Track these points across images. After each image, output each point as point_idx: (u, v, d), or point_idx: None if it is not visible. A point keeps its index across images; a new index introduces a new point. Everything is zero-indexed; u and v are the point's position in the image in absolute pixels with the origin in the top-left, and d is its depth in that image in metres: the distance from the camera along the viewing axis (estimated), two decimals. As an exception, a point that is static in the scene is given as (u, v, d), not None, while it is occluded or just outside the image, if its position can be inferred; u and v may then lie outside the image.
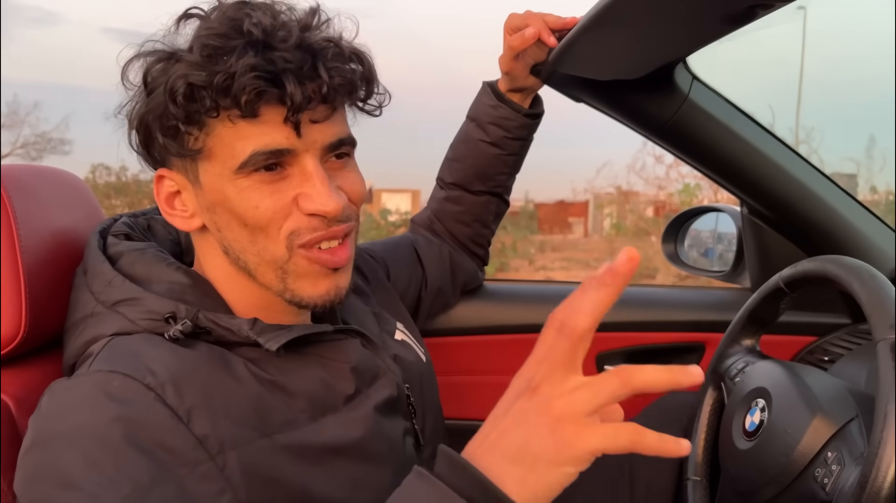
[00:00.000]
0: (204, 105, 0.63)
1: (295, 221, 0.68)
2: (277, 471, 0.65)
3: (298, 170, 0.68)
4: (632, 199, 9.94)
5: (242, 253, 0.70)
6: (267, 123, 0.65)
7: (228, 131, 0.65)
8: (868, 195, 8.08)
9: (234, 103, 0.63)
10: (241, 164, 0.66)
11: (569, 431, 0.47)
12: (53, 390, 0.64)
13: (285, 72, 0.63)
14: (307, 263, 0.70)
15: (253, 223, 0.67)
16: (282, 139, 0.66)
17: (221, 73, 0.62)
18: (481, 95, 1.12)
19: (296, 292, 0.71)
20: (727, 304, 1.37)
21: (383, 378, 0.79)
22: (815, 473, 0.75)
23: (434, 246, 1.16)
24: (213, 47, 0.63)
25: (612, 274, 0.47)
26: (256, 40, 0.64)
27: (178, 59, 0.65)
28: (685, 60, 1.04)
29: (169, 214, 0.73)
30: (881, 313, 0.72)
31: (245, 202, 0.67)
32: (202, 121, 0.65)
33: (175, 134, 0.66)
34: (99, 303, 0.70)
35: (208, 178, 0.68)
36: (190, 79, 0.63)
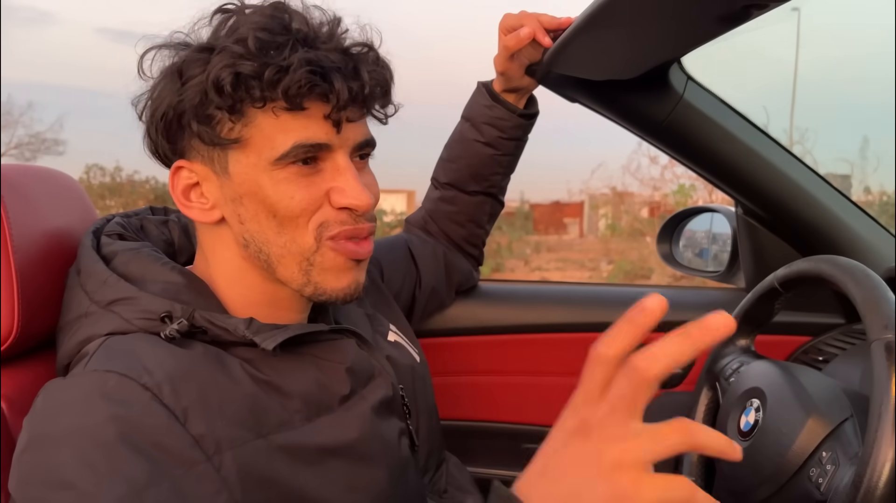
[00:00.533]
0: (252, 95, 0.65)
1: (324, 214, 0.70)
2: (273, 471, 0.65)
3: (331, 165, 0.70)
4: (627, 200, 9.95)
5: (266, 244, 0.71)
6: (310, 118, 0.67)
7: (270, 122, 0.67)
8: (862, 196, 8.11)
9: (284, 95, 0.65)
10: (282, 156, 0.67)
11: (625, 482, 0.44)
12: (48, 390, 0.64)
13: (333, 70, 0.65)
14: (333, 255, 0.71)
15: (284, 213, 0.69)
16: (321, 134, 0.68)
17: (273, 66, 0.64)
18: (476, 95, 1.12)
19: (319, 285, 0.72)
20: (722, 304, 1.36)
21: (378, 378, 0.79)
22: (810, 473, 0.75)
23: (428, 246, 1.16)
24: (262, 40, 0.65)
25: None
26: (304, 37, 0.66)
27: (220, 51, 0.65)
28: (680, 61, 1.04)
29: (186, 206, 0.73)
30: (876, 313, 0.72)
31: (280, 193, 0.68)
32: (244, 110, 0.66)
33: (212, 123, 0.67)
34: (93, 303, 0.70)
35: (240, 167, 0.69)
36: (238, 68, 0.64)
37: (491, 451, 1.37)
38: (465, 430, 1.36)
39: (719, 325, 0.45)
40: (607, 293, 1.47)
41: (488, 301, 1.35)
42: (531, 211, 11.87)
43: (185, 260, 0.84)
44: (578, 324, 1.35)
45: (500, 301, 1.36)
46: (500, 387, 1.37)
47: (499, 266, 8.32)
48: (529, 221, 11.43)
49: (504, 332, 1.35)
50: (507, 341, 1.35)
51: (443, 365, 1.32)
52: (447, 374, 1.34)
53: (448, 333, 1.33)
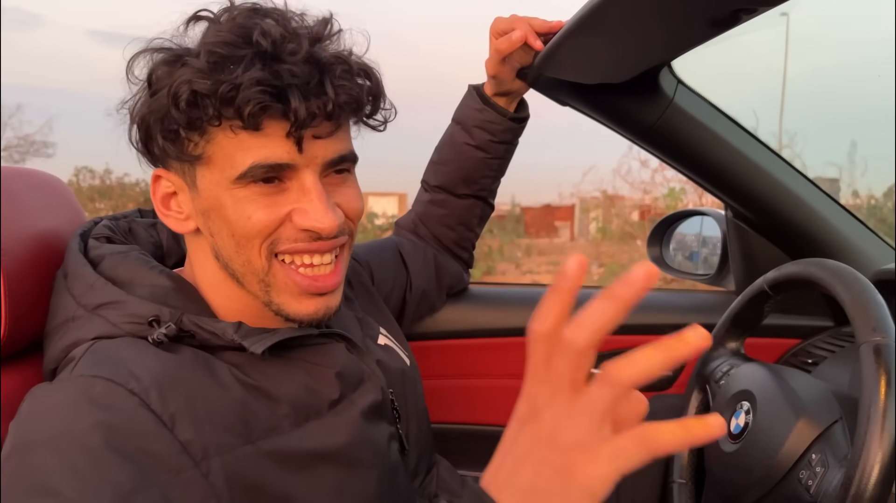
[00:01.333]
0: (206, 113, 0.63)
1: (279, 232, 0.68)
2: (261, 477, 0.65)
3: (297, 184, 0.68)
4: (617, 203, 9.97)
5: (230, 261, 0.70)
6: (269, 137, 0.65)
7: (229, 141, 0.65)
8: (850, 199, 8.16)
9: (237, 114, 0.63)
10: (240, 175, 0.65)
11: (577, 465, 0.43)
12: (34, 395, 0.63)
13: (291, 87, 0.63)
14: (284, 276, 0.70)
15: (240, 233, 0.67)
16: (282, 153, 0.65)
17: (227, 84, 0.62)
18: (467, 99, 1.12)
19: (280, 306, 0.71)
20: (712, 307, 1.38)
21: (368, 383, 0.79)
22: (800, 475, 0.75)
23: (419, 249, 1.16)
24: (219, 55, 0.63)
25: (627, 285, 0.43)
26: (264, 51, 0.63)
27: (183, 63, 0.64)
28: (670, 64, 1.04)
29: (164, 215, 0.72)
30: (864, 316, 0.72)
31: (238, 212, 0.67)
32: (203, 127, 0.65)
33: (175, 138, 0.66)
34: (80, 307, 0.69)
35: (205, 183, 0.68)
36: (194, 86, 0.62)
37: (482, 454, 1.36)
38: (455, 434, 1.35)
39: (694, 340, 0.43)
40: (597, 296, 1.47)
41: (479, 304, 1.35)
42: (522, 214, 11.88)
43: (174, 262, 0.83)
44: None
45: (491, 304, 1.36)
46: (490, 390, 1.37)
47: (490, 269, 8.32)
48: (520, 224, 11.44)
49: (495, 335, 1.35)
50: (498, 344, 1.35)
51: (433, 368, 1.32)
52: (438, 377, 1.34)
53: (439, 336, 1.32)
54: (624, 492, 1.06)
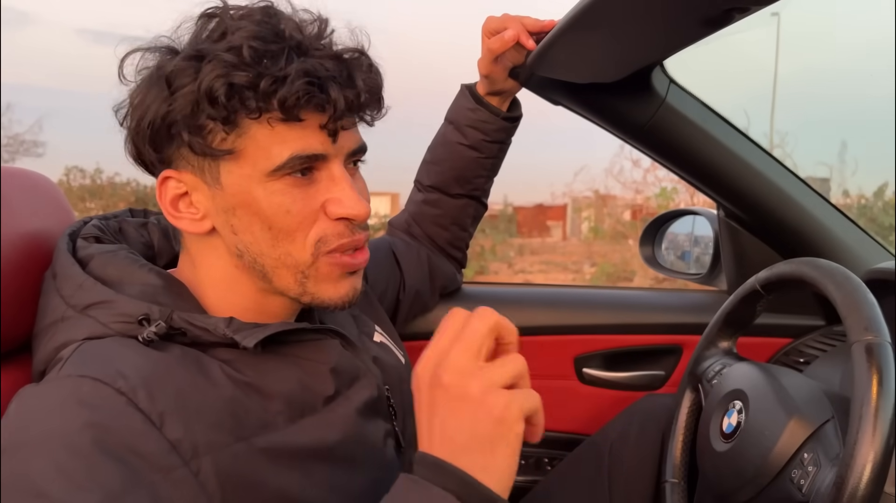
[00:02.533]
0: (247, 106, 0.63)
1: (321, 228, 0.69)
2: (254, 475, 0.64)
3: (327, 174, 0.69)
4: (609, 203, 10.00)
5: (261, 256, 0.69)
6: (306, 128, 0.66)
7: (265, 133, 0.65)
8: (840, 199, 8.21)
9: (280, 107, 0.63)
10: (278, 167, 0.66)
11: (497, 403, 0.53)
12: (22, 396, 0.62)
13: (328, 79, 0.64)
14: (329, 268, 0.71)
15: (280, 226, 0.68)
16: (318, 144, 0.67)
17: (269, 76, 0.62)
18: (459, 98, 1.11)
19: (316, 295, 0.72)
20: (704, 307, 1.38)
21: (363, 379, 0.78)
22: (792, 475, 0.75)
23: (412, 249, 1.15)
24: (256, 49, 0.63)
25: None
26: (298, 45, 0.65)
27: (211, 59, 0.63)
28: (662, 64, 1.05)
29: (174, 217, 0.71)
30: (856, 315, 0.72)
31: (275, 206, 0.67)
32: (238, 121, 0.65)
33: (203, 133, 0.65)
34: (69, 308, 0.68)
35: (233, 178, 0.67)
36: (232, 79, 0.62)
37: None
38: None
39: None
40: (590, 295, 1.47)
41: (472, 304, 1.34)
42: (515, 214, 11.90)
43: (165, 263, 0.82)
44: (562, 326, 1.35)
45: (484, 304, 1.35)
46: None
47: (482, 269, 8.33)
48: (513, 224, 11.47)
49: (488, 335, 1.34)
50: (491, 344, 1.35)
51: (426, 368, 1.31)
52: (431, 378, 1.33)
53: (432, 336, 1.32)
54: (617, 492, 1.06)
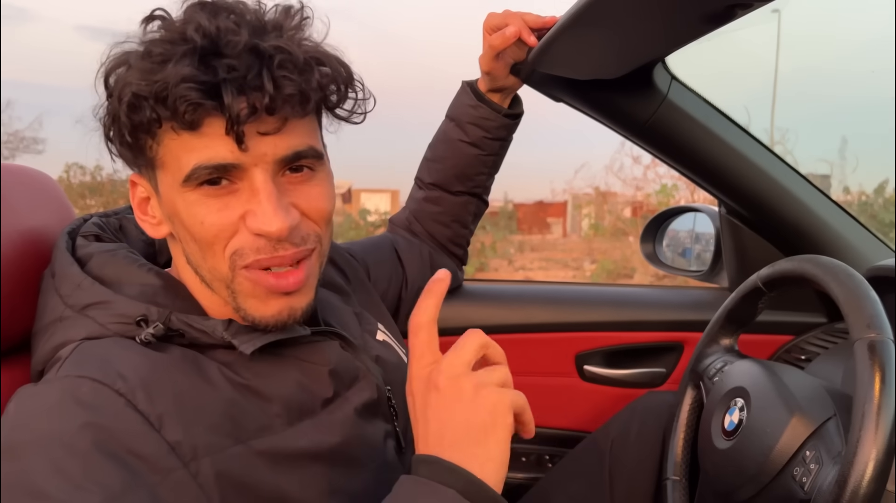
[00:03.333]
0: (146, 115, 0.60)
1: (240, 240, 0.65)
2: (253, 478, 0.64)
3: (248, 184, 0.64)
4: (610, 200, 10.00)
5: (198, 267, 0.68)
6: (209, 136, 0.61)
7: (174, 142, 0.63)
8: (841, 195, 8.19)
9: (174, 115, 0.60)
10: (186, 178, 0.63)
11: (490, 397, 0.57)
12: (20, 396, 0.62)
13: (225, 82, 0.59)
14: (251, 285, 0.66)
15: (199, 238, 0.65)
16: (225, 153, 0.62)
17: (159, 83, 0.59)
18: (461, 95, 1.11)
19: (247, 312, 0.67)
20: (705, 304, 1.38)
21: (363, 381, 0.78)
22: (794, 472, 0.75)
23: (414, 246, 1.15)
24: (157, 55, 0.60)
25: None
26: (198, 47, 0.60)
27: (128, 66, 0.62)
28: (664, 60, 1.04)
29: (141, 220, 0.71)
30: (858, 313, 0.72)
31: (192, 217, 0.64)
32: (152, 130, 0.62)
33: (129, 143, 0.64)
34: (68, 307, 0.68)
35: (164, 188, 0.66)
36: (133, 88, 0.60)
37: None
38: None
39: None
40: (591, 292, 1.47)
41: (473, 301, 1.35)
42: (515, 210, 11.89)
43: (166, 260, 0.82)
44: (562, 323, 1.35)
45: (485, 301, 1.36)
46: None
47: (483, 265, 8.32)
48: (513, 221, 11.45)
49: (488, 332, 1.32)
50: (492, 341, 1.34)
51: (427, 365, 1.31)
52: (431, 375, 1.33)
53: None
54: (618, 490, 1.06)
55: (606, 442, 1.10)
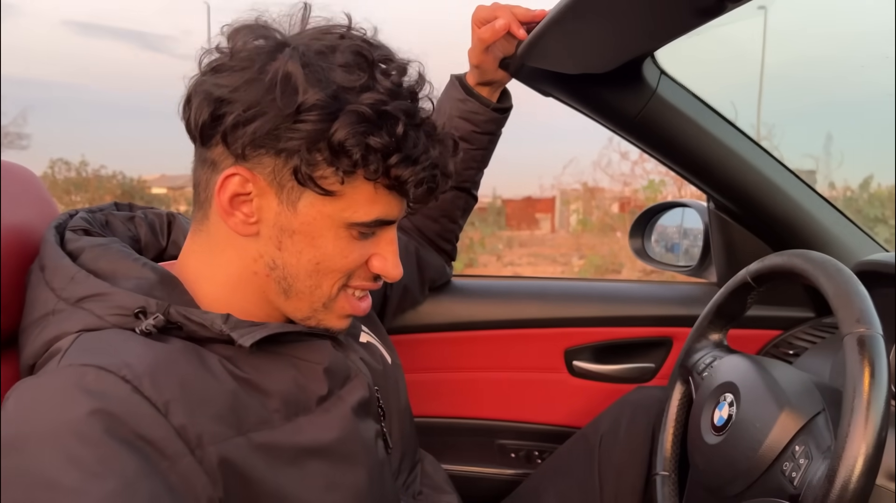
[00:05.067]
0: (369, 169, 0.65)
1: (357, 271, 0.74)
2: (252, 470, 0.64)
3: (384, 234, 0.74)
4: (598, 196, 10.02)
5: (292, 277, 0.71)
6: (399, 198, 0.71)
7: (368, 191, 0.68)
8: (826, 191, 8.25)
9: (396, 180, 0.67)
10: (358, 223, 0.69)
11: None
12: (20, 390, 0.61)
13: (435, 167, 0.69)
14: (343, 305, 0.75)
15: (329, 265, 0.71)
16: (397, 213, 0.72)
17: (402, 153, 0.65)
18: (449, 89, 1.10)
19: (322, 321, 0.75)
20: (694, 299, 1.38)
21: (355, 379, 0.78)
22: (784, 467, 0.75)
23: (400, 243, 1.14)
24: (400, 122, 0.65)
25: None
26: (430, 131, 0.69)
27: (349, 112, 0.63)
28: (653, 55, 1.04)
29: (227, 212, 0.69)
30: (848, 307, 0.72)
31: (338, 250, 0.70)
32: (354, 172, 0.66)
33: (314, 166, 0.65)
34: (61, 300, 0.67)
35: (312, 211, 0.68)
36: (369, 141, 0.64)
37: (466, 448, 1.36)
38: (439, 427, 1.35)
39: None
40: (579, 288, 1.47)
41: (461, 297, 1.34)
42: (503, 206, 11.89)
43: (153, 257, 0.81)
44: (551, 319, 1.35)
45: (474, 297, 1.36)
46: (474, 383, 1.36)
47: (471, 261, 8.32)
48: (502, 217, 11.46)
49: (477, 328, 1.34)
50: (481, 337, 1.34)
51: (416, 362, 1.31)
52: (421, 371, 1.33)
53: (421, 330, 1.31)
54: (607, 485, 1.06)
55: (596, 437, 1.10)
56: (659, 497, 0.97)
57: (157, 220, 0.85)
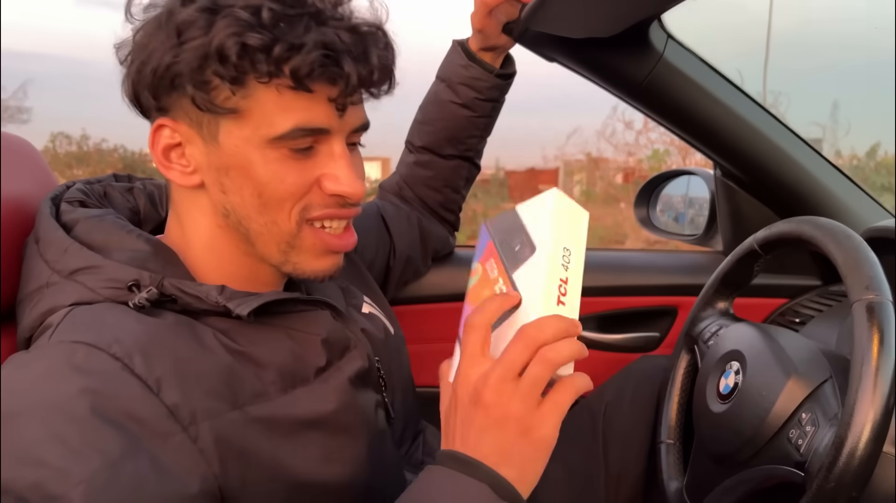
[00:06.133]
0: (257, 69, 0.61)
1: (310, 198, 0.68)
2: (249, 444, 0.63)
3: (327, 149, 0.68)
4: (601, 166, 9.96)
5: (246, 219, 0.68)
6: (314, 100, 0.64)
7: (272, 99, 0.63)
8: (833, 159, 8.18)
9: (292, 75, 0.61)
10: (279, 136, 0.64)
11: (532, 428, 0.56)
12: (13, 364, 0.61)
13: (344, 52, 0.62)
14: (312, 241, 0.70)
15: (271, 195, 0.66)
16: (324, 118, 0.65)
17: (284, 42, 0.60)
18: (451, 55, 1.08)
19: (298, 265, 0.71)
20: (699, 268, 1.37)
21: (354, 350, 0.77)
22: (790, 435, 0.75)
23: (402, 213, 1.13)
24: (273, 12, 0.61)
25: None
26: (317, 13, 0.63)
27: (226, 15, 0.61)
28: (660, 18, 1.02)
29: (165, 167, 0.69)
30: (857, 274, 0.71)
31: (271, 174, 0.66)
32: (245, 82, 0.62)
33: (208, 88, 0.63)
34: (55, 273, 0.67)
35: (231, 139, 0.65)
36: (246, 39, 0.60)
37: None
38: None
39: None
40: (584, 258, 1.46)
41: (465, 267, 1.33)
42: (506, 178, 11.84)
43: (151, 229, 0.80)
44: None
45: None
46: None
47: (475, 233, 8.32)
48: (505, 188, 11.41)
49: (481, 298, 1.33)
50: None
51: (420, 332, 1.30)
52: (424, 342, 1.32)
53: (424, 300, 1.31)
54: (612, 454, 1.06)
55: (600, 406, 1.10)
56: (664, 465, 0.97)
57: (156, 190, 0.84)
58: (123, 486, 0.54)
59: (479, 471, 0.55)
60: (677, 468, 0.97)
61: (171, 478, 0.57)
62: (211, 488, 0.60)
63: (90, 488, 0.52)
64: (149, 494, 0.55)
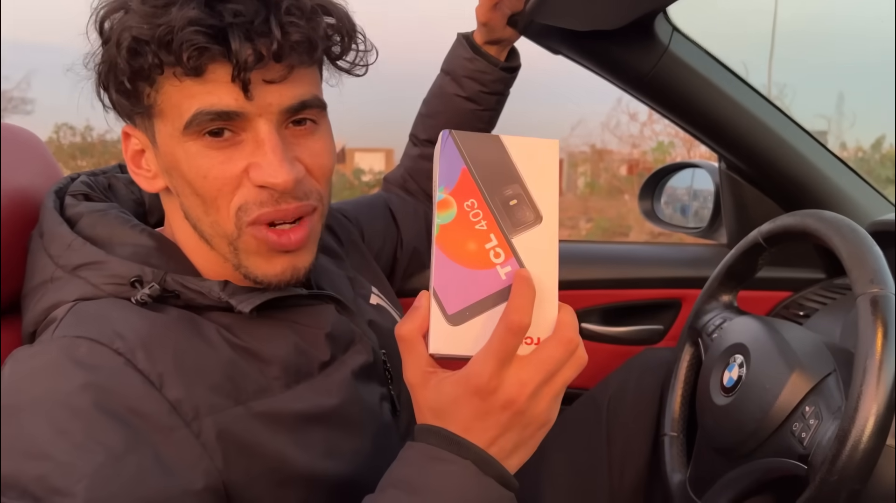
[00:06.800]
0: (147, 61, 0.59)
1: (244, 195, 0.63)
2: (252, 439, 0.63)
3: (252, 136, 0.62)
4: (606, 158, 9.94)
5: (198, 221, 0.66)
6: (213, 82, 0.60)
7: (175, 89, 0.61)
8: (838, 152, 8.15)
9: (178, 60, 0.58)
10: (187, 124, 0.61)
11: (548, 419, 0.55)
12: (16, 358, 0.61)
13: (232, 26, 0.57)
14: (255, 243, 0.65)
15: (202, 193, 0.63)
16: (229, 100, 0.60)
17: (163, 27, 0.57)
18: (456, 48, 1.08)
19: (249, 269, 0.67)
20: (703, 260, 1.37)
21: (359, 344, 0.77)
22: (793, 428, 0.75)
23: (409, 205, 1.13)
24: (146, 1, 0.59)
25: None
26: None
27: (127, 10, 0.60)
28: (665, 11, 1.01)
29: (135, 174, 0.69)
30: (861, 267, 0.71)
31: (194, 169, 0.62)
32: (152, 77, 0.61)
33: (126, 90, 0.62)
34: (59, 268, 0.67)
35: (162, 138, 0.64)
36: (133, 32, 0.58)
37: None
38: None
39: None
40: (587, 250, 1.46)
41: None
42: (510, 169, 11.81)
43: (157, 220, 0.80)
44: (559, 281, 1.34)
45: None
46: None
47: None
48: (508, 180, 11.39)
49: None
50: (489, 299, 1.34)
51: (424, 324, 1.31)
52: (428, 334, 1.33)
53: None
54: (615, 446, 1.06)
55: (604, 398, 1.10)
56: (667, 458, 0.97)
57: None
58: (127, 480, 0.54)
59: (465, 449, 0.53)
60: (681, 461, 0.97)
61: (175, 472, 0.57)
62: (215, 484, 0.60)
63: (94, 482, 0.53)
64: (152, 488, 0.55)
